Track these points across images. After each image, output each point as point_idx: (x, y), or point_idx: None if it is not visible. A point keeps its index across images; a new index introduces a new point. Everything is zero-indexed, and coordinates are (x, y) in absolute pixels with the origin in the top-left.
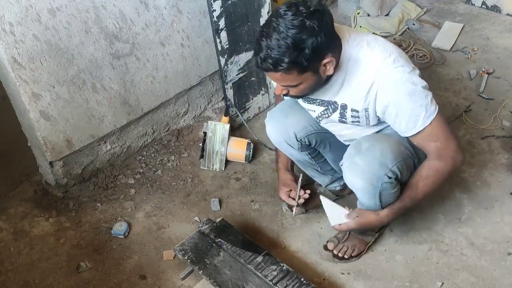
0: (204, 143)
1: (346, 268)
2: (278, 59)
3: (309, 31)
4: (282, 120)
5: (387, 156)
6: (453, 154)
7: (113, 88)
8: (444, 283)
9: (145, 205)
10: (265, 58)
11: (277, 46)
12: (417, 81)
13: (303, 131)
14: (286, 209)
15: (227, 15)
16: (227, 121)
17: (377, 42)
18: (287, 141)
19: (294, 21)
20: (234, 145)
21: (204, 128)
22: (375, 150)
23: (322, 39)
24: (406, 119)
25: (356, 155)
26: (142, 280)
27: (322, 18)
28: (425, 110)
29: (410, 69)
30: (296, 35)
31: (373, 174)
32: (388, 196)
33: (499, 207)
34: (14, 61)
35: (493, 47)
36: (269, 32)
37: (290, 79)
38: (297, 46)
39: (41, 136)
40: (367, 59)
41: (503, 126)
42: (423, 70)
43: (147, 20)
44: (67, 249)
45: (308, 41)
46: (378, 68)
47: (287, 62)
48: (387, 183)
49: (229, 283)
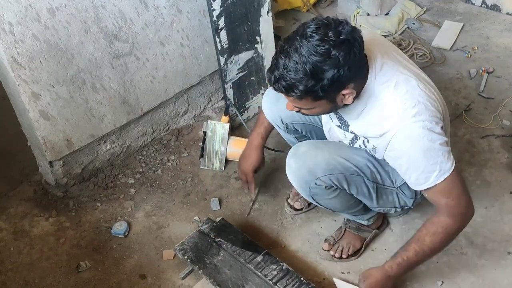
0: (204, 143)
1: (346, 267)
2: (292, 85)
3: (333, 62)
4: (273, 102)
5: (319, 164)
6: (464, 211)
7: (113, 87)
8: (444, 282)
9: (145, 205)
10: (279, 79)
11: (294, 69)
12: (435, 138)
13: (290, 118)
14: (289, 210)
15: (227, 15)
16: (227, 120)
17: (407, 86)
18: (275, 122)
19: (319, 47)
20: (234, 144)
21: (204, 128)
22: (308, 156)
23: (344, 72)
24: (417, 175)
25: (292, 156)
26: (142, 279)
27: (350, 50)
28: (439, 168)
29: (431, 124)
30: (318, 64)
31: (300, 178)
32: (325, 201)
33: (499, 206)
34: (14, 60)
35: (493, 46)
36: (290, 51)
37: (302, 104)
38: (315, 75)
39: (41, 135)
40: (389, 103)
41: (503, 125)
42: (423, 69)
43: (147, 20)
44: (67, 248)
45: (328, 72)
46: (397, 117)
47: (301, 89)
48: (315, 189)
49: (229, 283)
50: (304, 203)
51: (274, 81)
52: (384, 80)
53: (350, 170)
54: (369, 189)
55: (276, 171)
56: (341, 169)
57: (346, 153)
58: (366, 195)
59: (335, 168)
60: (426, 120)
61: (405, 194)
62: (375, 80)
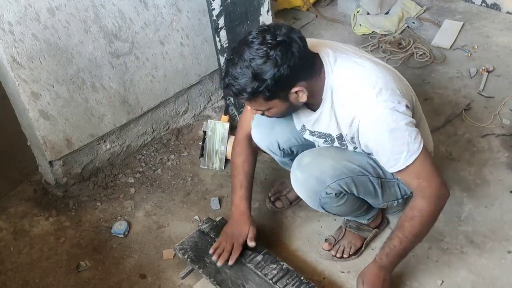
0: (204, 142)
1: (346, 266)
2: (240, 89)
3: (272, 63)
4: (267, 131)
5: (326, 172)
6: (436, 192)
7: (113, 87)
8: (444, 281)
9: (145, 204)
10: (228, 85)
11: (240, 74)
12: (399, 118)
13: (286, 142)
14: (270, 206)
15: (227, 14)
16: (227, 120)
17: (363, 71)
18: (270, 148)
19: (258, 50)
20: None
21: (204, 127)
22: (313, 165)
23: (285, 71)
24: (387, 157)
25: (297, 168)
26: (142, 279)
27: (287, 49)
28: (407, 149)
29: (394, 103)
30: (258, 66)
31: (309, 189)
32: (335, 209)
33: (499, 205)
34: (13, 60)
35: (493, 45)
36: (235, 59)
37: (256, 105)
38: (258, 77)
39: (41, 135)
40: (350, 91)
41: (503, 124)
42: (422, 68)
43: (147, 19)
44: (67, 248)
45: (269, 73)
46: (359, 102)
47: (249, 92)
48: (326, 198)
49: (229, 282)
50: (286, 202)
51: (225, 87)
52: (340, 72)
53: (355, 172)
54: (375, 186)
55: (276, 171)
56: (347, 172)
57: (348, 155)
58: (372, 194)
59: (342, 172)
60: (388, 100)
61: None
62: (333, 74)
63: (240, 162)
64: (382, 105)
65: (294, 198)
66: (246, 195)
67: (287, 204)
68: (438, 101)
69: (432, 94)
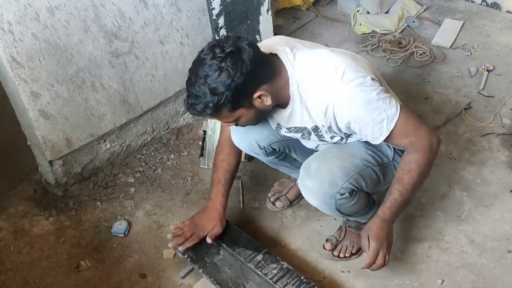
0: (204, 142)
1: (346, 266)
2: (203, 106)
3: (225, 74)
4: (244, 131)
5: (336, 173)
6: (427, 141)
7: (113, 86)
8: (444, 281)
9: (145, 204)
10: (191, 106)
11: (199, 92)
12: (368, 90)
13: (265, 140)
14: (271, 206)
15: (226, 13)
16: None
17: (321, 58)
18: (251, 149)
19: (211, 66)
20: None
21: (204, 127)
22: (322, 170)
23: (240, 80)
24: (371, 131)
25: (306, 177)
26: (142, 278)
27: (237, 58)
28: (386, 116)
29: (360, 79)
30: (213, 80)
31: (323, 194)
32: (349, 209)
33: (499, 205)
34: (13, 60)
35: (493, 44)
36: (192, 78)
37: (224, 117)
38: (215, 91)
39: (41, 135)
40: (315, 80)
41: (503, 123)
42: (423, 67)
43: (146, 19)
44: (67, 248)
45: (224, 84)
46: (327, 88)
47: (211, 107)
48: (341, 200)
49: (229, 282)
50: (286, 202)
51: (188, 107)
52: (301, 66)
53: (360, 166)
54: (378, 175)
55: (276, 171)
56: (354, 168)
57: (349, 151)
58: (376, 182)
59: (350, 170)
60: (353, 79)
61: (398, 162)
62: (294, 70)
63: (219, 160)
64: (349, 85)
65: (294, 198)
66: (222, 191)
67: (287, 204)
68: (438, 100)
69: (432, 94)
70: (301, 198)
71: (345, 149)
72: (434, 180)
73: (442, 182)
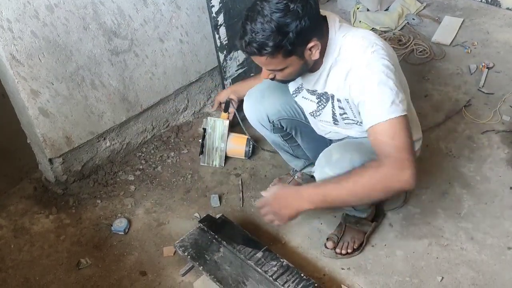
0: (204, 139)
1: (346, 263)
2: (263, 43)
3: (293, 15)
4: (258, 100)
5: (356, 166)
6: (400, 165)
7: (112, 84)
8: (444, 278)
9: (145, 202)
10: (249, 42)
11: (261, 30)
12: (391, 75)
13: (276, 114)
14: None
15: (226, 11)
16: (226, 117)
17: (363, 33)
18: (260, 122)
19: (278, 4)
20: (234, 141)
21: (204, 124)
22: (344, 161)
23: (306, 23)
24: (371, 106)
25: (326, 165)
26: (142, 276)
27: (306, 2)
28: (391, 103)
29: (388, 62)
30: (280, 19)
31: None
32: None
33: (499, 202)
34: (13, 58)
35: (493, 42)
36: (254, 15)
37: (275, 63)
38: (281, 30)
39: (40, 133)
40: (349, 47)
41: (503, 120)
42: (422, 65)
43: (146, 16)
44: (67, 245)
45: (292, 25)
46: (356, 55)
47: (271, 46)
48: None
49: (229, 279)
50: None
51: (246, 45)
52: (343, 33)
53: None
54: None
55: (276, 168)
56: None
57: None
58: None
59: None
60: (383, 57)
61: None
62: (335, 34)
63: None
64: (377, 57)
65: None
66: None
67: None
68: (438, 97)
69: (432, 91)
70: None
71: (364, 145)
72: (434, 177)
73: (442, 179)
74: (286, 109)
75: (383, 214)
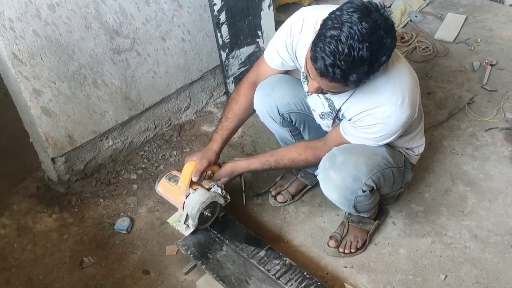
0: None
1: (349, 261)
2: (349, 72)
3: (385, 49)
4: (268, 93)
5: (361, 169)
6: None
7: (114, 83)
8: (448, 276)
9: (148, 201)
10: (333, 67)
11: (351, 58)
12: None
13: (286, 107)
14: (273, 202)
15: (228, 9)
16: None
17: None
18: (270, 114)
19: (373, 35)
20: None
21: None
22: (349, 164)
23: (388, 58)
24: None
25: (330, 168)
26: (145, 275)
27: (394, 34)
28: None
29: (406, 120)
30: (375, 52)
31: (346, 188)
32: (363, 207)
33: (503, 200)
34: (15, 57)
35: (496, 39)
36: (341, 36)
37: (336, 87)
38: (371, 64)
39: (43, 132)
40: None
41: (507, 118)
42: (425, 62)
43: (148, 15)
44: (70, 244)
45: (381, 60)
46: (383, 99)
47: (356, 77)
48: (361, 197)
49: (232, 278)
50: (288, 196)
51: (329, 68)
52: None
53: (382, 165)
54: (394, 177)
55: None
56: (377, 167)
57: (372, 149)
58: (391, 184)
59: (373, 168)
60: (406, 112)
61: (407, 170)
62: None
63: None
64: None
65: (295, 192)
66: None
67: (289, 198)
68: (441, 95)
69: (435, 88)
70: (302, 193)
71: (368, 147)
72: (437, 175)
73: (445, 177)
74: (296, 102)
75: (386, 212)
